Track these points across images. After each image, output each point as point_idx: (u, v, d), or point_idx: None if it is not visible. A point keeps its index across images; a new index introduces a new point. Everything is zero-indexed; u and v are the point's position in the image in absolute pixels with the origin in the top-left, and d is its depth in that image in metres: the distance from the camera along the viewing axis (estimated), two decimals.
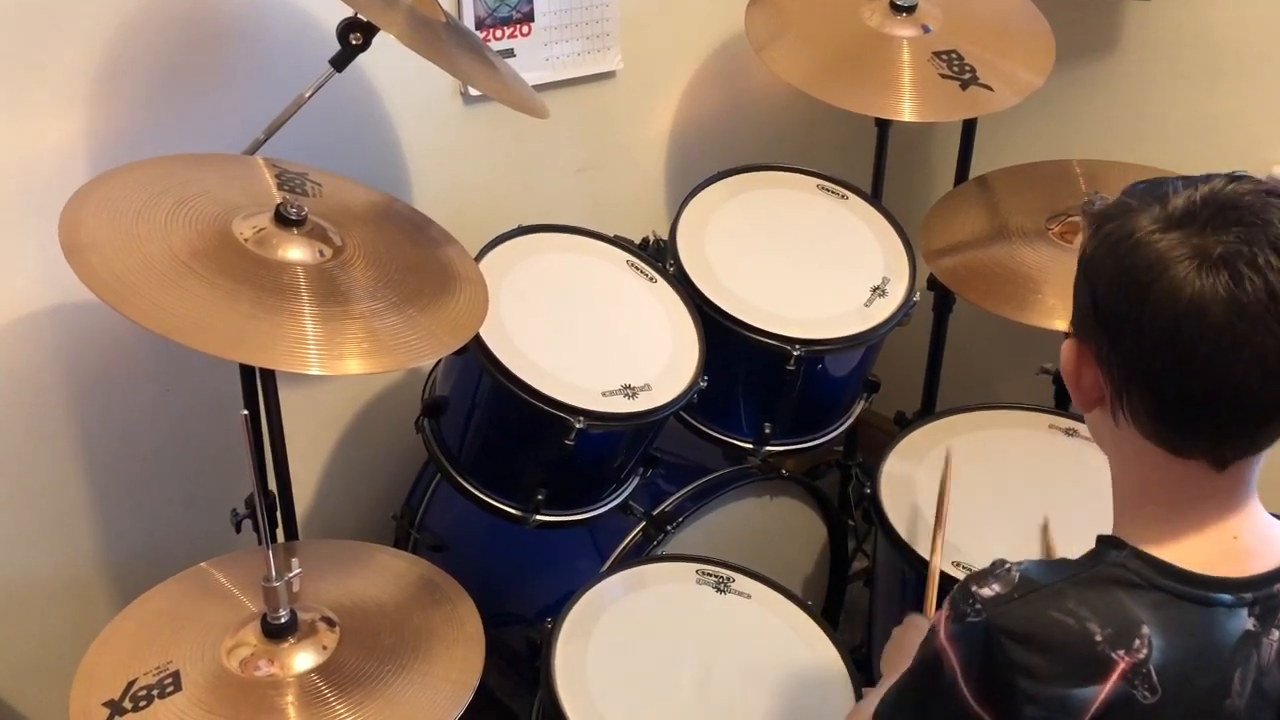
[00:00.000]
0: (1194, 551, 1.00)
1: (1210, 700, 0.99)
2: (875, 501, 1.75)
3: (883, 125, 2.21)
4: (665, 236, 1.93)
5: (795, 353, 1.79)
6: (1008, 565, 1.04)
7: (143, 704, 1.30)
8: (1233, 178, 0.96)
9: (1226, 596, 0.99)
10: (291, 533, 1.72)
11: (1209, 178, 0.96)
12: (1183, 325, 0.92)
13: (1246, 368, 0.92)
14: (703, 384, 1.76)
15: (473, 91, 2.02)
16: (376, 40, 1.58)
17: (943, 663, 1.03)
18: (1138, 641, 0.97)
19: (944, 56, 1.97)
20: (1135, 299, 0.94)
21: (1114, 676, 0.97)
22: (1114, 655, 0.97)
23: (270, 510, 1.65)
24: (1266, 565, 1.01)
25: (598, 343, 1.78)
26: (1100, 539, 1.05)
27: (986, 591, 1.01)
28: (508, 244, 1.80)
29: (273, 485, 1.66)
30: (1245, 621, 0.99)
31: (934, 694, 1.04)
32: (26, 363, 1.73)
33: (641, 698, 1.53)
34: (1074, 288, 1.03)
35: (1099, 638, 0.97)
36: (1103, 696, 0.97)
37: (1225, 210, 0.93)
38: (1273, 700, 1.01)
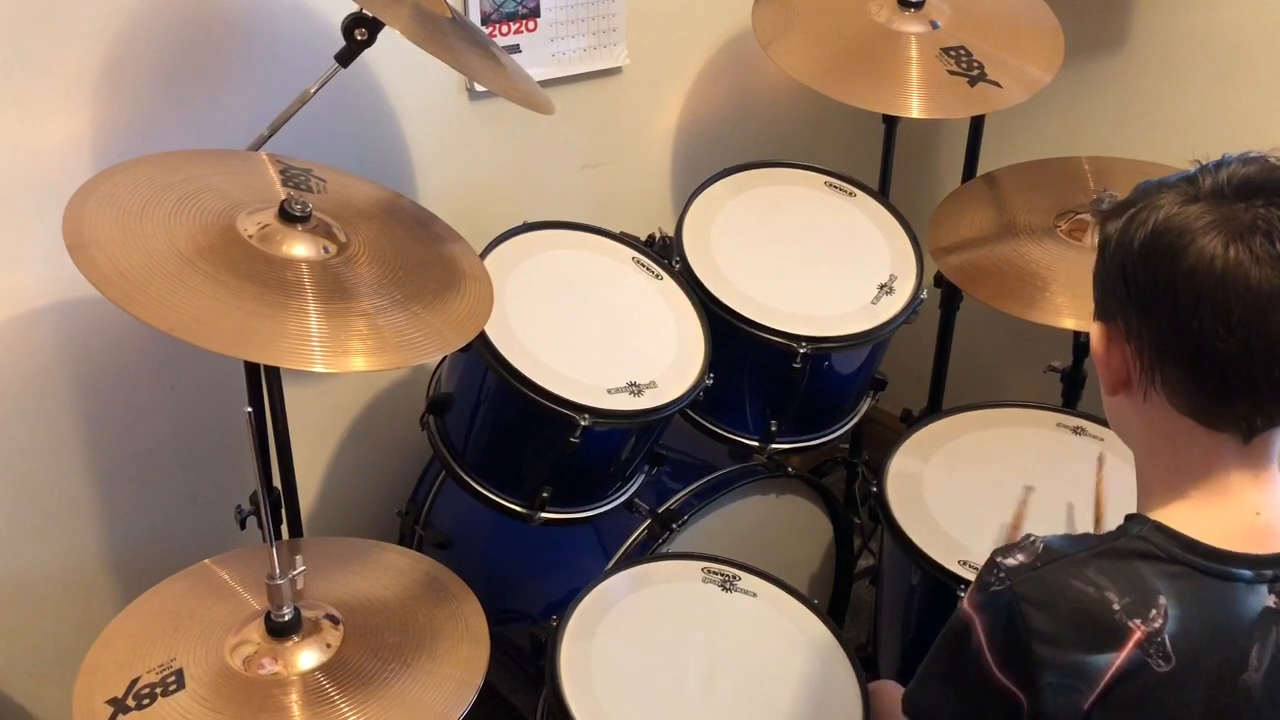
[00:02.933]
0: (1216, 527, 1.02)
1: (1226, 673, 1.00)
2: (881, 499, 1.74)
3: (890, 122, 2.20)
4: (671, 233, 1.93)
5: (802, 350, 1.79)
6: (1033, 538, 1.07)
7: (146, 702, 1.29)
8: (1246, 159, 1.00)
9: (1246, 572, 1.01)
10: (296, 530, 1.72)
11: (1224, 161, 1.01)
12: (1219, 285, 0.95)
13: None
14: (709, 381, 1.76)
15: (478, 87, 2.01)
16: (382, 36, 1.58)
17: (970, 631, 1.05)
18: (1154, 611, 0.99)
19: (952, 53, 1.96)
20: (1168, 266, 0.98)
21: (1129, 644, 0.99)
22: (1130, 623, 0.99)
23: (274, 507, 1.64)
24: None
25: (603, 340, 1.77)
26: (1127, 516, 1.08)
27: (1011, 561, 1.04)
28: (513, 241, 1.79)
29: (277, 482, 1.66)
30: (1265, 598, 1.01)
31: (961, 663, 1.06)
32: (30, 359, 1.72)
33: (646, 696, 1.52)
34: (1096, 273, 1.07)
35: (1116, 606, 1.00)
36: (1118, 664, 0.99)
37: (1248, 182, 0.98)
38: None
